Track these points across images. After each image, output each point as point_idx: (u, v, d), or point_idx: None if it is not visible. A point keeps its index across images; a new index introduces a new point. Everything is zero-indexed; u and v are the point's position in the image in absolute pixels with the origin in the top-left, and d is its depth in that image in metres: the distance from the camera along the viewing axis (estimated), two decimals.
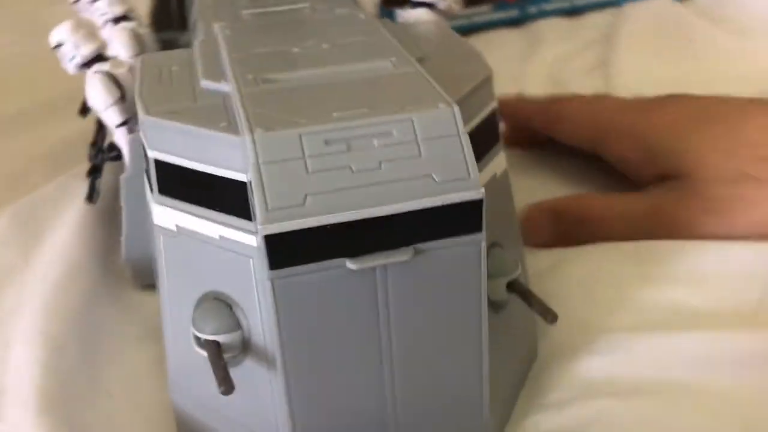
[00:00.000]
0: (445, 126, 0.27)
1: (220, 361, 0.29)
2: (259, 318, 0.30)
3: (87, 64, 0.41)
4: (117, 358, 0.38)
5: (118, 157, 0.45)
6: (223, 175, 0.29)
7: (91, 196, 0.46)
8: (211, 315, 0.30)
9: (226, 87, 0.32)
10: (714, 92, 0.60)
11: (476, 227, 0.27)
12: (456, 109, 0.28)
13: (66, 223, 0.46)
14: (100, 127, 0.46)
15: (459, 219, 0.27)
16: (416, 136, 0.27)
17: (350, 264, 0.26)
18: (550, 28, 0.75)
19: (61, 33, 0.40)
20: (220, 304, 0.30)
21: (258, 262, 0.29)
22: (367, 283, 0.27)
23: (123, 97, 0.40)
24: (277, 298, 0.27)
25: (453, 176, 0.27)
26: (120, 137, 0.41)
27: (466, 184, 0.27)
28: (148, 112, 0.31)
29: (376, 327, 0.28)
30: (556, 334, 0.37)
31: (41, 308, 0.39)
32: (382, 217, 0.26)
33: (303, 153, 0.26)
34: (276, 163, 0.26)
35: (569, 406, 0.34)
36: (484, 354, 0.30)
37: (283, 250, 0.26)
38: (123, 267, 0.44)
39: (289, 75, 0.31)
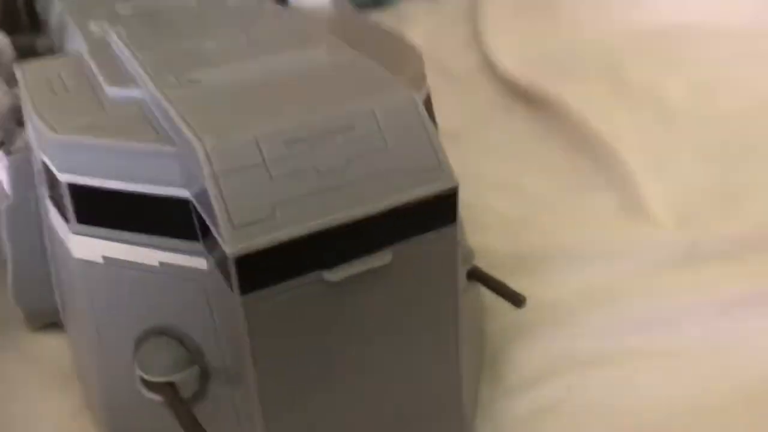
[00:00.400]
0: (408, 114, 0.25)
1: (181, 404, 0.26)
2: (216, 347, 0.26)
3: None
4: (32, 418, 0.33)
5: None
6: (158, 193, 0.26)
7: None
8: (160, 353, 0.27)
9: (138, 93, 0.28)
10: (578, 59, 0.62)
11: (452, 218, 0.26)
12: (417, 95, 0.26)
13: None
14: None
15: (435, 211, 0.25)
16: (380, 127, 0.25)
17: (329, 276, 0.24)
18: (412, 7, 0.74)
19: None
20: (167, 339, 0.27)
21: (211, 286, 0.26)
22: (345, 293, 0.25)
23: None
24: (250, 324, 0.24)
25: (423, 166, 0.25)
26: None
27: (438, 173, 0.25)
28: (55, 129, 0.27)
29: (356, 336, 0.26)
30: (504, 316, 0.36)
31: None
32: (359, 220, 0.24)
33: (263, 158, 0.23)
34: (234, 172, 0.23)
35: (536, 387, 0.33)
36: (461, 344, 0.28)
37: (255, 271, 0.23)
38: (11, 308, 0.39)
39: (215, 73, 0.28)
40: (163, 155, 0.25)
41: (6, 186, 0.36)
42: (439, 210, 0.25)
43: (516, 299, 0.30)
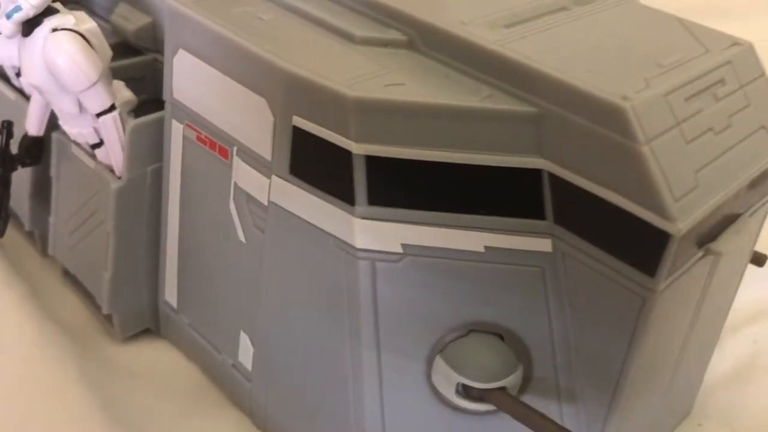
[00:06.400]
0: (753, 66, 0.23)
1: (520, 405, 0.22)
2: (547, 339, 0.23)
3: (33, 22, 0.25)
4: None
5: (38, 159, 0.30)
6: (502, 164, 0.21)
7: (3, 227, 0.30)
8: (486, 354, 0.22)
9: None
10: None
11: None
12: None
13: None
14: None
15: None
16: (739, 82, 0.22)
17: (715, 246, 0.21)
18: None
19: None
20: (488, 338, 0.23)
21: (552, 271, 0.22)
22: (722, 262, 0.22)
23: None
24: (651, 313, 0.20)
25: None
26: (107, 126, 0.27)
27: None
28: (351, 90, 0.21)
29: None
30: None
31: None
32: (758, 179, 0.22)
33: (675, 119, 0.20)
34: (660, 137, 0.19)
35: None
36: None
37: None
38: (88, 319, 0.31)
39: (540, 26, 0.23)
40: (517, 118, 0.20)
41: (114, 157, 0.27)
42: None
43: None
